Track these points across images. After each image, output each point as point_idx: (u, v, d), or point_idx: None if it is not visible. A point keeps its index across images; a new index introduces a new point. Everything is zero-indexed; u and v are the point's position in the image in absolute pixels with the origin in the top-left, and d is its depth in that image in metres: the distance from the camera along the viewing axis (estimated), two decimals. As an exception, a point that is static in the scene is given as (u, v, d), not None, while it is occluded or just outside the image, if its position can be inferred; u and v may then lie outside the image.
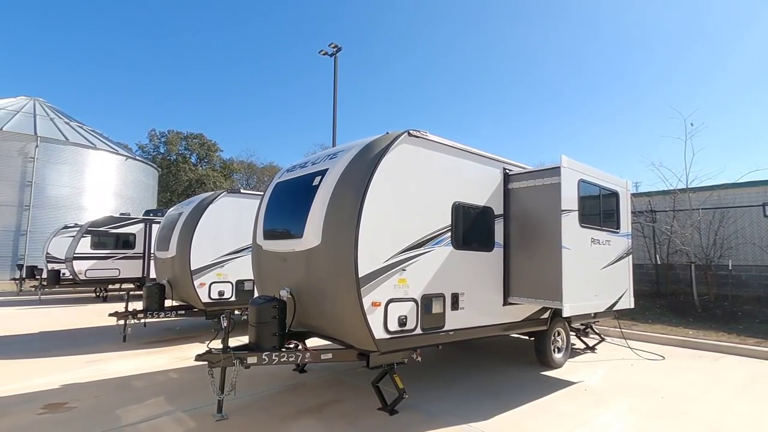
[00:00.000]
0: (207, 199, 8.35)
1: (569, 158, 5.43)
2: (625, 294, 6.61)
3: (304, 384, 5.49)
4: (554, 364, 6.33)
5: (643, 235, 12.97)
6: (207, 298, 8.00)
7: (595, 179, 6.05)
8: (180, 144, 45.16)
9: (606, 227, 6.23)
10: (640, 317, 9.97)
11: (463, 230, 5.09)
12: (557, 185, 5.27)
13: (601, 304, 6.11)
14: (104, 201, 23.48)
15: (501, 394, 5.18)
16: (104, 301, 14.70)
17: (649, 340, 8.44)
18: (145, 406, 4.64)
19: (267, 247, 5.37)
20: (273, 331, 4.49)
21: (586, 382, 5.76)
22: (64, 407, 4.57)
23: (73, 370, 6.04)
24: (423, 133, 4.69)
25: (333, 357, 4.59)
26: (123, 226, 15.08)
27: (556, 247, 5.14)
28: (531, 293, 5.42)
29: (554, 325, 6.37)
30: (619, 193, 6.60)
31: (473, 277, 5.17)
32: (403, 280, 4.35)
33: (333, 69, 18.13)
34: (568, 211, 5.28)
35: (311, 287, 4.60)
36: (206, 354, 4.21)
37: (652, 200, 13.48)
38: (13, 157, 20.79)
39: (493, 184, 5.58)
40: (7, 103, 25.10)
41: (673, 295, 12.11)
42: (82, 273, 14.14)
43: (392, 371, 4.53)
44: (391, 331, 4.21)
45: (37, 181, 21.12)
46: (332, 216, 4.33)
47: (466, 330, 5.02)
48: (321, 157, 5.12)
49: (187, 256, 7.86)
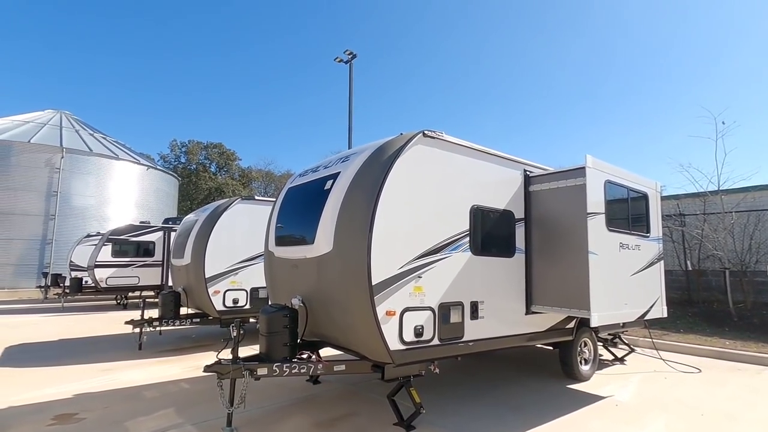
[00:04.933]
0: (221, 207, 8.30)
1: (594, 158, 5.14)
2: (657, 302, 6.21)
3: (318, 396, 5.29)
4: (581, 376, 5.97)
5: (672, 239, 12.39)
6: (221, 306, 7.92)
7: (623, 180, 5.72)
8: (200, 153, 46.02)
9: (635, 231, 5.88)
10: (672, 326, 9.45)
11: (482, 235, 4.84)
12: (582, 187, 4.98)
13: (632, 313, 5.75)
14: (126, 210, 23.94)
15: (524, 408, 4.87)
16: (124, 309, 14.87)
17: (682, 351, 7.95)
18: (154, 418, 4.52)
19: (279, 253, 5.23)
20: (284, 341, 4.31)
21: (617, 396, 5.40)
22: (74, 418, 4.48)
23: (87, 379, 5.99)
24: (438, 133, 4.48)
25: (346, 369, 4.39)
26: (143, 234, 15.28)
27: (582, 253, 4.84)
28: (555, 301, 5.11)
29: (580, 335, 6.02)
30: (649, 195, 6.24)
31: (493, 285, 4.91)
32: (419, 288, 4.13)
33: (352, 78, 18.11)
34: (594, 214, 4.98)
35: (323, 295, 4.42)
36: (215, 365, 4.05)
37: (680, 203, 12.89)
38: (40, 168, 21.40)
39: (513, 186, 5.33)
40: (35, 117, 25.98)
41: (705, 303, 11.49)
42: (103, 281, 14.36)
43: (408, 384, 4.29)
44: (407, 342, 3.98)
45: (62, 191, 21.68)
46: (344, 221, 4.15)
47: (487, 340, 4.75)
48: (333, 161, 4.96)
49: (201, 263, 7.80)
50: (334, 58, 18.50)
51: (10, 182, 20.79)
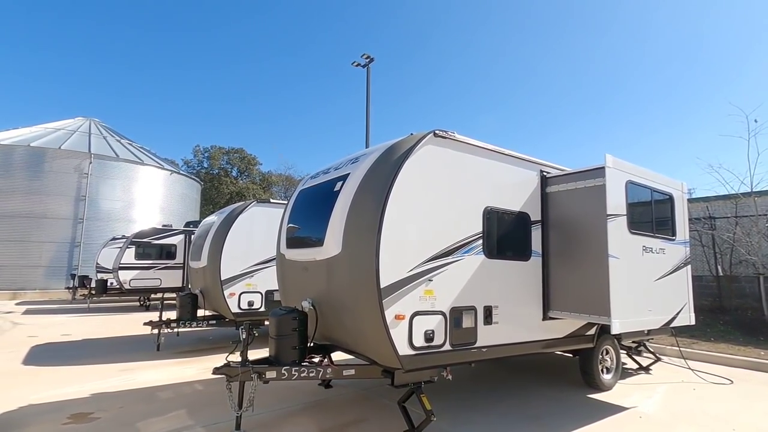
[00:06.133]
0: (237, 210, 8.38)
1: (615, 158, 4.93)
2: (684, 308, 5.91)
3: (328, 401, 5.23)
4: (602, 386, 5.72)
5: (701, 243, 11.86)
6: (237, 308, 7.96)
7: (646, 180, 5.47)
8: (222, 159, 46.93)
9: (660, 234, 5.61)
10: (701, 335, 9.01)
11: (497, 237, 4.70)
12: (602, 187, 4.78)
13: (656, 320, 5.48)
14: (151, 213, 24.57)
15: (541, 418, 4.68)
16: (147, 310, 15.20)
17: (713, 360, 7.55)
18: (165, 419, 4.54)
19: (290, 256, 5.21)
20: (293, 344, 4.27)
21: (641, 407, 5.14)
22: (88, 418, 4.55)
23: (106, 378, 6.10)
24: (450, 133, 4.37)
25: (356, 373, 4.30)
26: (165, 237, 15.63)
27: (602, 256, 4.63)
28: (574, 307, 4.91)
29: (602, 343, 5.77)
30: (674, 196, 5.96)
31: (508, 289, 4.75)
32: (430, 292, 4.02)
33: (369, 82, 18.14)
34: (614, 216, 4.77)
35: (332, 298, 4.36)
36: (224, 367, 4.04)
37: (710, 206, 12.34)
38: (70, 173, 22.21)
39: (529, 187, 5.16)
40: (65, 124, 27.02)
41: (738, 311, 10.92)
42: (126, 282, 14.73)
43: (419, 390, 4.17)
44: (417, 347, 3.87)
45: (90, 195, 22.43)
46: (353, 223, 4.08)
47: (501, 347, 4.59)
48: (344, 162, 4.91)
49: (217, 265, 7.87)
50: (351, 63, 18.63)
51: (42, 187, 21.62)
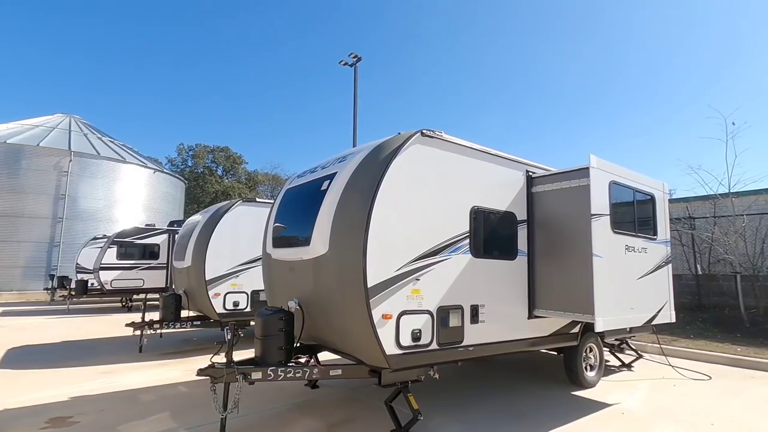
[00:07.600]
0: (222, 209, 8.26)
1: (599, 158, 5.00)
2: (665, 306, 6.03)
3: (315, 401, 5.19)
4: (586, 383, 5.81)
5: (681, 243, 12.16)
6: (222, 308, 7.85)
7: (628, 181, 5.57)
8: (206, 157, 46.30)
9: (642, 233, 5.72)
10: (681, 332, 9.22)
11: (483, 237, 4.73)
12: (586, 187, 4.85)
13: (639, 318, 5.58)
14: (134, 213, 24.07)
15: (527, 416, 4.73)
16: (129, 311, 14.90)
17: (692, 357, 7.73)
18: (148, 422, 4.45)
19: (276, 255, 5.15)
20: (279, 344, 4.21)
21: (623, 404, 5.23)
22: (68, 422, 4.43)
23: (86, 381, 5.95)
24: (438, 133, 4.38)
25: (343, 373, 4.28)
26: (148, 236, 15.33)
27: (586, 256, 4.70)
28: (559, 305, 4.97)
29: (586, 341, 5.86)
30: (656, 197, 6.08)
31: (494, 288, 4.78)
32: (417, 291, 4.02)
33: (357, 81, 18.10)
34: (598, 215, 4.84)
35: (319, 298, 4.33)
36: (208, 368, 3.98)
37: (689, 206, 12.66)
38: (49, 171, 21.61)
39: (515, 187, 5.21)
40: (44, 121, 26.30)
41: (716, 308, 11.22)
42: (108, 283, 14.41)
43: (406, 390, 4.17)
44: (404, 347, 3.87)
45: (70, 193, 21.87)
46: (340, 222, 4.06)
47: (488, 345, 4.62)
48: (331, 161, 4.88)
49: (201, 265, 7.75)
50: (339, 62, 18.55)
51: (19, 185, 21.01)
